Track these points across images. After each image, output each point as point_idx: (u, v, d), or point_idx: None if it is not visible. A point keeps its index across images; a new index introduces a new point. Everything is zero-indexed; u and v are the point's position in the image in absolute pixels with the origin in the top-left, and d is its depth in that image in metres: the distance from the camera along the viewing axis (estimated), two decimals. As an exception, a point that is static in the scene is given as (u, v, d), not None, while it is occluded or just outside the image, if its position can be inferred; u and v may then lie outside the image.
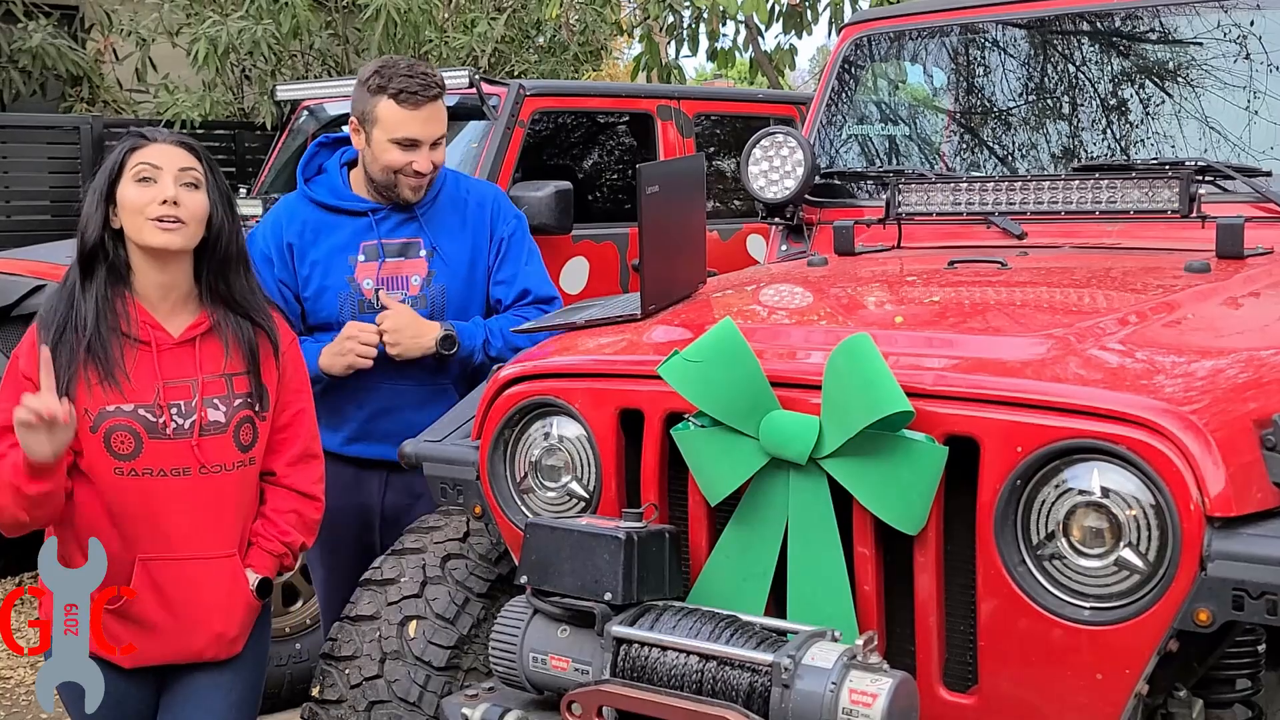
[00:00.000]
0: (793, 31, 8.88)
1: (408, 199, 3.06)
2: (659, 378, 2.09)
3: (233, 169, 8.03)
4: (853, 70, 3.64)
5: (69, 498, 2.35)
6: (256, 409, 2.42)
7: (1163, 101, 3.18)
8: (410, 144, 3.01)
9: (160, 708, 2.47)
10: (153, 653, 2.39)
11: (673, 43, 9.12)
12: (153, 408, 2.33)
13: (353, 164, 3.17)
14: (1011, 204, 3.05)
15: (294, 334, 2.59)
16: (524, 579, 2.07)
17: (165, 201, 2.31)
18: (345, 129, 3.20)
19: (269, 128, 7.73)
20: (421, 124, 3.00)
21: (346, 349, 3.00)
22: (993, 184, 3.09)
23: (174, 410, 2.34)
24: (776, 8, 8.55)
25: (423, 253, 3.08)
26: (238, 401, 2.40)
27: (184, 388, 2.35)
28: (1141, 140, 3.17)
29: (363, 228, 3.08)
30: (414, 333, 3.00)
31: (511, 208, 3.21)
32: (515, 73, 9.52)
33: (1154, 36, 3.28)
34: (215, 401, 2.37)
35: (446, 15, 9.18)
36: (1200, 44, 3.15)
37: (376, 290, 3.05)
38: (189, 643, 2.39)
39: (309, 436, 2.55)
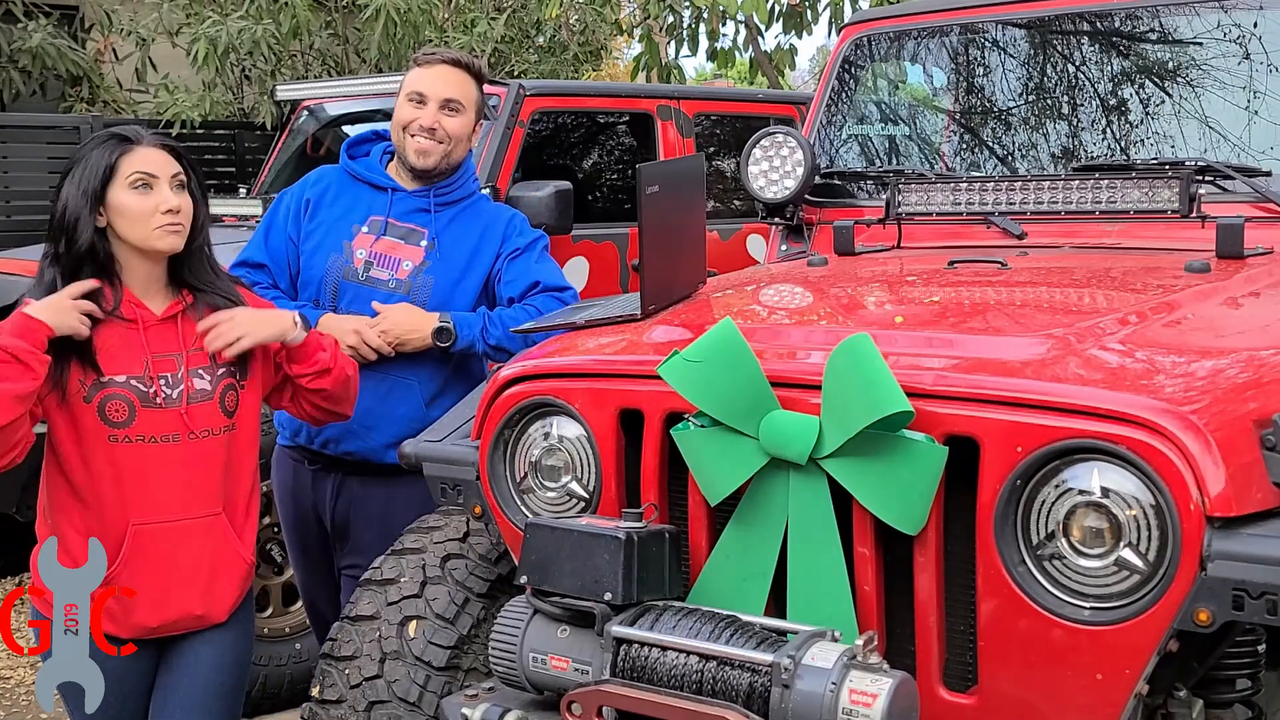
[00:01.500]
0: (793, 31, 8.89)
1: (416, 163, 3.12)
2: (659, 378, 2.09)
3: (233, 169, 8.03)
4: (853, 70, 3.64)
5: (67, 478, 2.45)
6: (237, 377, 2.55)
7: (1163, 101, 3.18)
8: (419, 99, 3.10)
9: (156, 685, 2.55)
10: (150, 619, 2.47)
11: (673, 43, 9.12)
12: (143, 379, 2.45)
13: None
14: (1011, 204, 3.05)
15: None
16: (524, 579, 2.07)
17: (171, 210, 2.44)
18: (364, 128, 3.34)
19: (269, 128, 7.73)
20: (431, 79, 3.12)
21: (349, 342, 3.01)
22: (993, 184, 3.09)
23: (163, 381, 2.46)
24: (776, 8, 8.56)
25: (423, 243, 3.13)
26: (220, 371, 2.53)
27: (170, 361, 2.48)
28: (1141, 140, 3.17)
29: (379, 204, 3.17)
30: (410, 327, 3.03)
31: (531, 228, 3.26)
32: (515, 73, 9.53)
33: (1154, 36, 3.28)
34: (200, 372, 2.51)
35: (446, 15, 9.17)
36: (1200, 44, 3.15)
37: (367, 263, 3.10)
38: (183, 603, 2.48)
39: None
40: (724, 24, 8.93)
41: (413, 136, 3.10)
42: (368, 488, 3.16)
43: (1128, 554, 1.81)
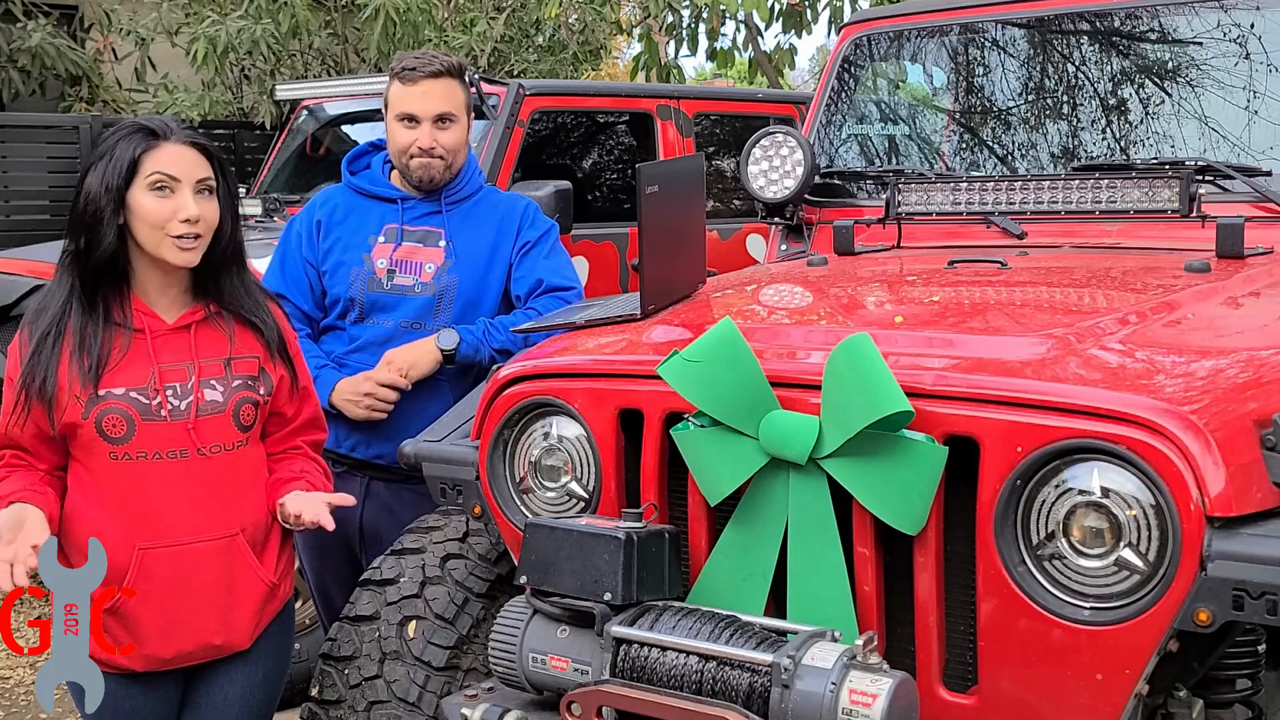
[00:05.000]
0: (792, 31, 8.90)
1: (420, 178, 3.13)
2: (659, 378, 2.09)
3: (232, 169, 8.01)
4: (853, 70, 3.64)
5: (63, 494, 2.35)
6: (257, 390, 2.41)
7: (1163, 101, 3.18)
8: (410, 120, 3.09)
9: None
10: (163, 649, 2.35)
11: (672, 42, 9.12)
12: (146, 390, 2.30)
13: None
14: (1011, 204, 3.05)
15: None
16: (524, 579, 2.07)
17: (189, 219, 2.27)
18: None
19: (268, 127, 7.73)
20: (419, 98, 3.08)
21: (366, 404, 3.03)
22: (993, 184, 3.09)
23: (169, 392, 2.31)
24: (776, 7, 8.56)
25: (442, 243, 3.14)
26: (236, 383, 2.38)
27: (179, 370, 2.33)
28: (1141, 140, 3.17)
29: (391, 213, 3.17)
30: (418, 358, 3.02)
31: (544, 217, 3.27)
32: (514, 72, 9.51)
33: (1154, 36, 3.28)
34: (212, 383, 2.35)
35: (446, 15, 9.16)
36: (1200, 44, 3.15)
37: (390, 271, 3.10)
38: (198, 633, 2.35)
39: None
40: (724, 24, 8.94)
41: (413, 158, 3.10)
42: (396, 492, 3.14)
43: (1128, 554, 1.81)
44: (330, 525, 2.37)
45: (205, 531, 2.34)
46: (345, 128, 6.32)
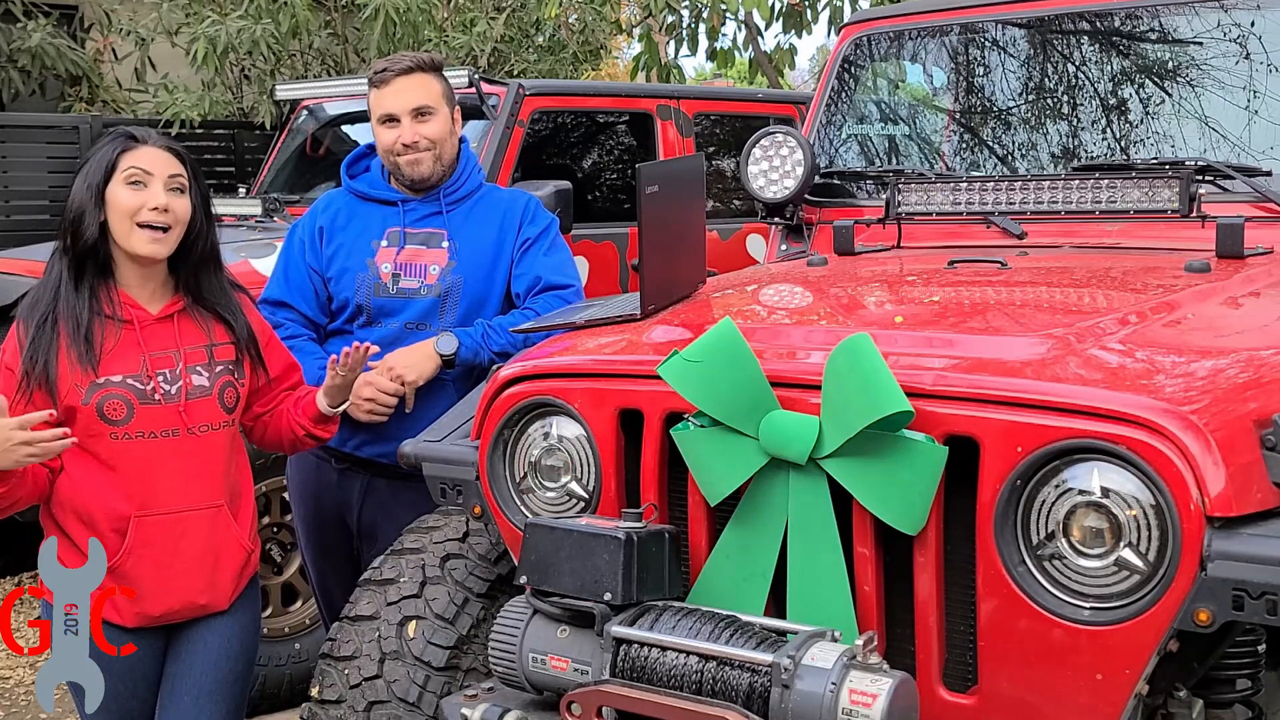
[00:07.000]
0: (792, 31, 8.90)
1: (410, 176, 3.13)
2: (659, 378, 2.09)
3: (232, 169, 8.02)
4: (853, 70, 3.64)
5: (56, 472, 2.50)
6: (235, 376, 2.61)
7: (1163, 101, 3.18)
8: (390, 120, 3.11)
9: (165, 673, 2.59)
10: (154, 608, 2.51)
11: (672, 42, 9.12)
12: (140, 377, 2.50)
13: None
14: (1011, 204, 3.05)
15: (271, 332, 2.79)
16: (524, 579, 2.07)
17: (157, 208, 2.46)
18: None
19: (268, 127, 7.72)
20: (393, 96, 3.11)
21: (368, 408, 3.00)
22: (993, 184, 3.09)
23: (161, 378, 2.50)
24: (776, 6, 8.56)
25: (445, 244, 3.13)
26: (219, 369, 2.58)
27: (167, 358, 2.53)
28: (1141, 140, 3.17)
29: (392, 216, 3.18)
30: (417, 362, 3.02)
31: (545, 212, 3.26)
32: (514, 72, 9.51)
33: (1154, 36, 3.28)
34: (198, 369, 2.56)
35: (446, 15, 9.16)
36: (1200, 44, 3.15)
37: (394, 275, 3.10)
38: (186, 593, 2.53)
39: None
40: (724, 23, 8.94)
41: (399, 156, 3.11)
42: (397, 490, 3.14)
43: (1128, 554, 1.81)
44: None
45: (194, 501, 2.54)
46: (345, 128, 6.32)
